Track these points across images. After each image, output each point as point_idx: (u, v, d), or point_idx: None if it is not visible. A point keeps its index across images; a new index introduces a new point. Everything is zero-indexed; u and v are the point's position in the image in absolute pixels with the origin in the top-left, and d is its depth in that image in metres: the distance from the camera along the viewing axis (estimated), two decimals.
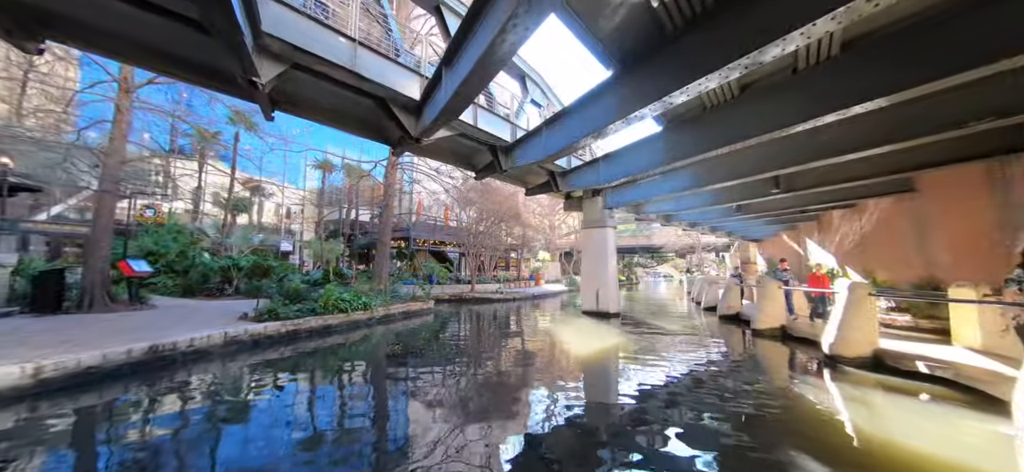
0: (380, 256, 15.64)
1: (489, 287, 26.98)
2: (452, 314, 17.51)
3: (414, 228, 27.05)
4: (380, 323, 13.09)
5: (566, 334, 12.23)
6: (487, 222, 23.61)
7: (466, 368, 7.94)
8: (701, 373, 7.41)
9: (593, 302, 15.50)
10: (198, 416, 5.19)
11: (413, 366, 8.09)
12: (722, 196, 14.80)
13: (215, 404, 5.57)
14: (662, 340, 10.91)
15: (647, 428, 4.91)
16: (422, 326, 13.55)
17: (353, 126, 9.45)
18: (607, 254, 15.35)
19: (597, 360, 8.71)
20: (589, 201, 16.22)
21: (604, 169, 11.65)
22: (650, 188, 13.88)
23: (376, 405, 5.95)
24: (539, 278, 38.33)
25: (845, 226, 17.70)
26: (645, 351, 9.38)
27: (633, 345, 10.22)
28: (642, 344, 10.32)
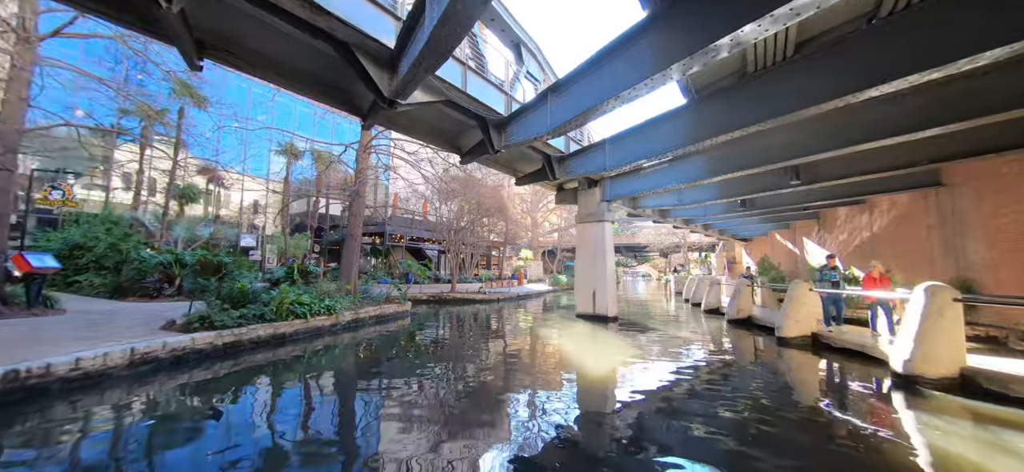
0: (349, 252, 13.68)
1: (470, 287, 25.20)
2: (431, 317, 15.69)
3: (390, 223, 25.00)
4: (347, 330, 11.19)
5: (563, 342, 10.64)
6: (470, 216, 21.83)
7: (451, 392, 6.22)
8: (739, 392, 5.92)
9: (589, 304, 13.97)
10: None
11: (384, 388, 6.32)
12: (730, 189, 13.53)
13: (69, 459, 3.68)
14: (673, 348, 9.44)
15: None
16: (397, 332, 11.72)
17: (311, 87, 7.57)
18: (605, 251, 13.85)
19: (610, 378, 7.12)
20: (585, 193, 14.69)
21: (611, 153, 10.10)
22: (657, 177, 12.43)
23: (335, 440, 4.17)
24: (521, 277, 36.78)
25: (851, 224, 16.76)
26: (659, 363, 7.87)
27: (642, 355, 8.70)
28: (652, 353, 8.81)
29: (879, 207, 14.83)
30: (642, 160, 9.10)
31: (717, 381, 6.82)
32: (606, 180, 14.30)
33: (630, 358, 8.56)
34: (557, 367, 7.96)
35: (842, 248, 17.35)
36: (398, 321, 13.42)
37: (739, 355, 9.25)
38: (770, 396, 6.01)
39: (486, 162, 12.51)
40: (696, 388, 6.42)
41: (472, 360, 8.51)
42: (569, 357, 8.92)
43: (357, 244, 13.80)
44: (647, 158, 9.04)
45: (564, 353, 9.29)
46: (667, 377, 7.05)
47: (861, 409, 5.62)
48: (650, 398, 5.83)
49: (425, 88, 7.31)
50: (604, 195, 14.26)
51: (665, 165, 12.08)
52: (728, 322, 13.22)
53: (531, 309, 19.24)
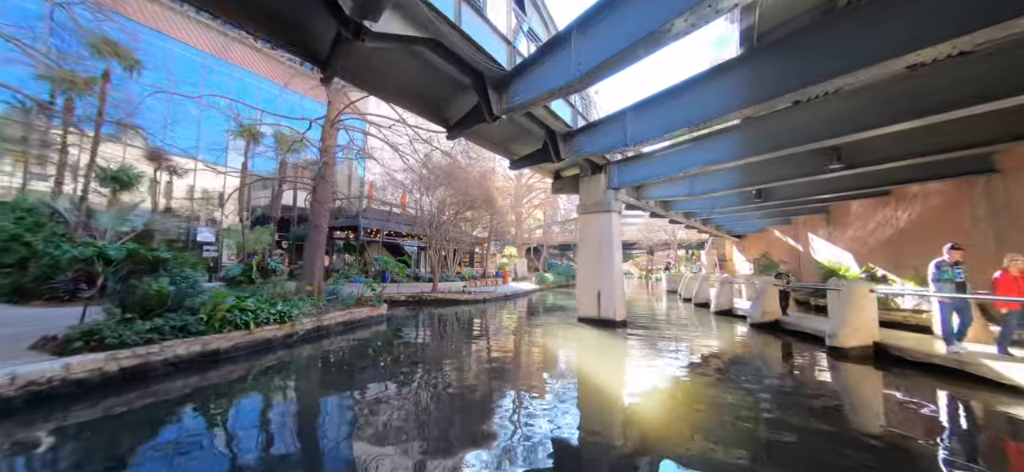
0: (313, 246, 11.50)
1: (453, 286, 23.15)
2: (410, 321, 13.65)
3: (365, 215, 22.68)
4: (307, 340, 9.08)
5: (570, 352, 8.82)
6: (454, 208, 19.78)
7: (438, 435, 4.29)
8: (831, 431, 4.22)
9: (593, 307, 12.20)
10: None
11: (345, 430, 4.34)
12: (754, 175, 11.98)
13: None
14: (711, 363, 7.75)
15: None
16: (368, 342, 9.68)
17: (251, 13, 5.47)
18: (611, 245, 12.10)
19: (653, 415, 5.32)
20: (588, 180, 12.90)
21: (634, 125, 8.29)
22: (675, 160, 10.73)
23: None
24: (506, 275, 34.91)
25: (868, 218, 15.53)
26: (706, 386, 6.13)
27: (672, 374, 6.95)
28: (688, 370, 7.07)
29: (905, 199, 13.58)
30: (685, 127, 7.29)
31: (815, 418, 5.10)
32: (613, 165, 12.54)
33: (669, 381, 6.78)
34: (577, 387, 6.10)
35: (858, 245, 16.13)
36: (371, 327, 11.34)
37: (779, 364, 7.62)
38: (881, 431, 4.31)
39: (476, 139, 10.56)
40: (789, 425, 4.67)
41: (462, 384, 6.57)
42: (586, 372, 7.08)
43: (322, 236, 11.63)
44: (685, 127, 7.26)
45: (575, 366, 7.45)
46: (731, 409, 5.28)
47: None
48: (725, 446, 4.03)
49: (404, 15, 5.33)
50: (611, 182, 12.50)
51: (686, 146, 10.39)
52: (752, 326, 11.65)
53: (521, 311, 17.37)
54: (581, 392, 6.20)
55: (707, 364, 7.82)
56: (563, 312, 16.17)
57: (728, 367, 7.67)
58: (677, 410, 5.29)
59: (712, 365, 7.77)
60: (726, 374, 7.13)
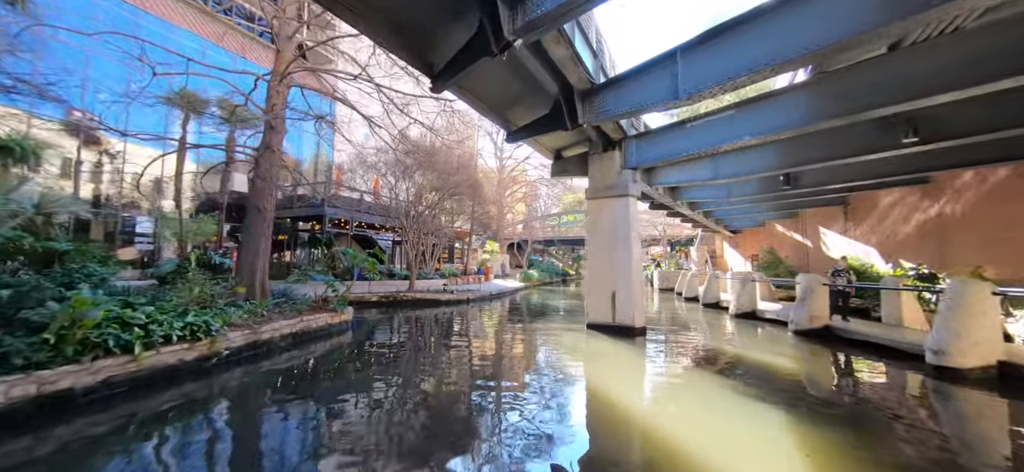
0: (252, 235, 8.91)
1: (432, 284, 20.72)
2: (382, 327, 11.24)
3: (332, 203, 19.91)
4: (235, 363, 6.59)
5: (594, 377, 6.66)
6: (436, 196, 17.31)
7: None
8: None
9: (605, 311, 10.09)
10: None
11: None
12: (787, 155, 10.11)
13: None
14: (772, 388, 5.74)
15: None
16: (323, 360, 7.29)
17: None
18: (628, 237, 10.01)
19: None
20: (599, 159, 10.75)
21: (689, 69, 6.13)
22: (714, 132, 8.69)
23: None
24: (488, 272, 32.64)
25: (900, 209, 13.99)
26: (791, 429, 4.07)
27: (737, 407, 4.88)
28: (746, 399, 5.00)
29: (950, 187, 12.03)
30: (759, 70, 5.20)
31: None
32: (630, 140, 10.44)
33: (742, 418, 4.68)
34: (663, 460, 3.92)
35: (884, 239, 14.62)
36: (330, 338, 8.89)
37: (929, 409, 5.67)
38: None
39: (469, 97, 8.18)
40: None
41: (450, 435, 4.27)
42: (626, 416, 4.91)
43: (266, 223, 9.05)
44: (764, 66, 5.17)
45: (607, 402, 5.27)
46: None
47: None
48: None
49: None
50: (627, 160, 10.39)
51: (730, 115, 8.36)
52: (796, 334, 9.78)
53: (513, 313, 15.15)
54: (622, 421, 4.03)
55: (779, 393, 5.78)
56: (563, 316, 14.03)
57: (812, 398, 5.67)
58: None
59: (789, 397, 5.75)
60: (821, 413, 5.10)
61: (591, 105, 7.79)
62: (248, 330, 7.13)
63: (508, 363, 7.66)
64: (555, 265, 48.33)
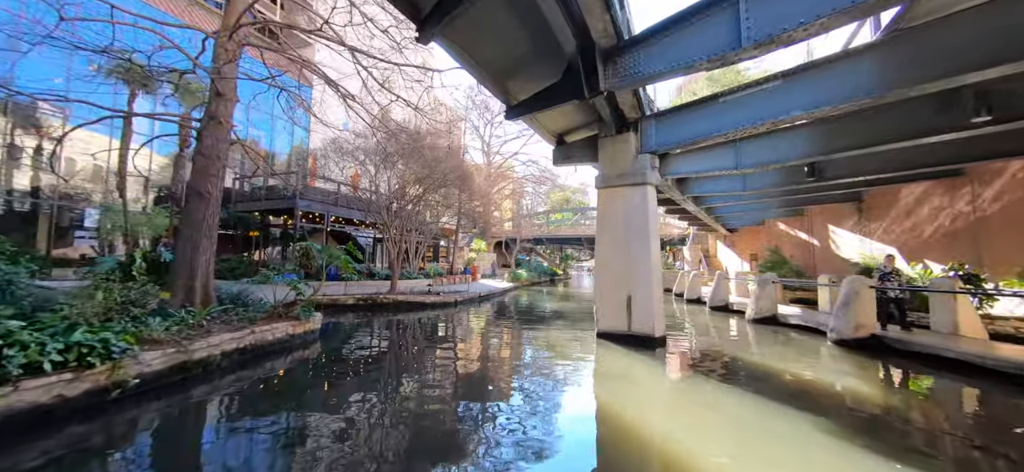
0: (191, 224, 7.15)
1: (416, 285, 19.05)
2: (357, 335, 9.60)
3: (305, 196, 18.02)
4: (155, 393, 4.91)
5: (618, 409, 5.18)
6: (421, 189, 15.64)
7: None
8: None
9: (619, 317, 8.67)
10: None
11: None
12: (824, 141, 8.89)
13: None
14: (857, 423, 4.40)
15: None
16: (275, 385, 5.68)
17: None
18: (647, 231, 8.61)
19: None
20: (611, 143, 9.32)
21: (761, 8, 4.70)
22: (759, 106, 7.34)
23: None
24: (475, 271, 31.05)
25: (926, 205, 12.97)
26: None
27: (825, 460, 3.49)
28: (832, 440, 3.62)
29: (988, 180, 11.00)
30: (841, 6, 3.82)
31: None
32: (648, 120, 9.03)
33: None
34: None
35: (908, 237, 13.60)
36: (290, 353, 7.24)
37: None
38: None
39: (463, 56, 6.63)
40: None
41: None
42: None
43: (210, 212, 7.30)
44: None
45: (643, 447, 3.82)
46: None
47: None
48: None
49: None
50: (645, 143, 8.98)
51: (776, 85, 7.01)
52: (836, 344, 8.52)
53: (506, 317, 13.63)
54: None
55: (864, 433, 4.42)
56: (564, 321, 12.56)
57: (907, 435, 4.32)
58: None
59: (884, 443, 4.38)
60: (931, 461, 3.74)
61: (616, 67, 6.32)
62: (174, 348, 5.43)
63: (509, 389, 6.14)
64: (542, 264, 47.03)
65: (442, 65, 10.30)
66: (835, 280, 12.11)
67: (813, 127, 9.15)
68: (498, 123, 39.87)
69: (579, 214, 56.10)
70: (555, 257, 57.96)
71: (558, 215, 52.98)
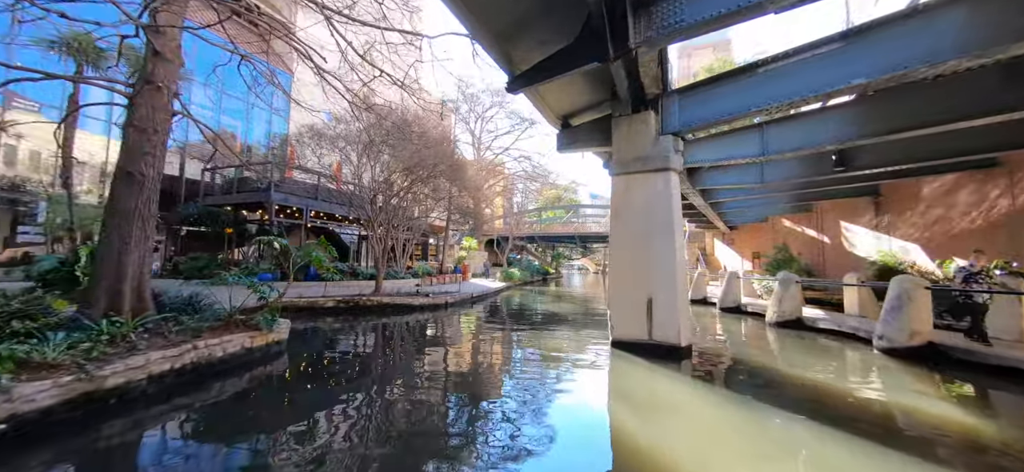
0: (117, 213, 5.76)
1: (404, 285, 17.69)
2: (332, 344, 8.24)
3: (281, 188, 16.52)
4: (39, 437, 3.53)
5: (656, 449, 3.97)
6: (408, 180, 14.27)
7: None
8: None
9: (638, 324, 7.49)
10: None
11: None
12: (869, 121, 7.82)
13: None
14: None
15: None
16: (215, 418, 4.31)
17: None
18: (670, 224, 7.45)
19: None
20: (627, 123, 8.13)
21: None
22: (791, 80, 6.21)
23: None
24: (466, 271, 29.72)
25: (953, 198, 12.07)
26: None
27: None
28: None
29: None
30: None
31: None
32: (670, 97, 7.86)
33: None
34: None
35: (934, 232, 12.68)
36: (248, 370, 5.91)
37: None
38: None
39: (461, 10, 5.39)
40: None
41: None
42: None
43: (144, 199, 5.90)
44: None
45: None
46: None
47: None
48: None
49: None
50: (667, 122, 7.81)
51: (835, 49, 5.88)
52: (886, 352, 7.46)
53: (502, 321, 12.39)
54: None
55: None
56: (568, 325, 11.36)
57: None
58: None
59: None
60: None
61: (650, 17, 5.10)
62: (74, 375, 4.07)
63: (516, 422, 4.89)
64: (533, 263, 45.89)
65: (431, 31, 8.95)
66: (864, 279, 11.14)
67: (852, 108, 8.11)
68: (489, 118, 38.64)
69: (571, 212, 55.15)
70: (546, 255, 56.85)
71: (551, 212, 51.89)
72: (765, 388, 6.06)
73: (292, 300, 12.39)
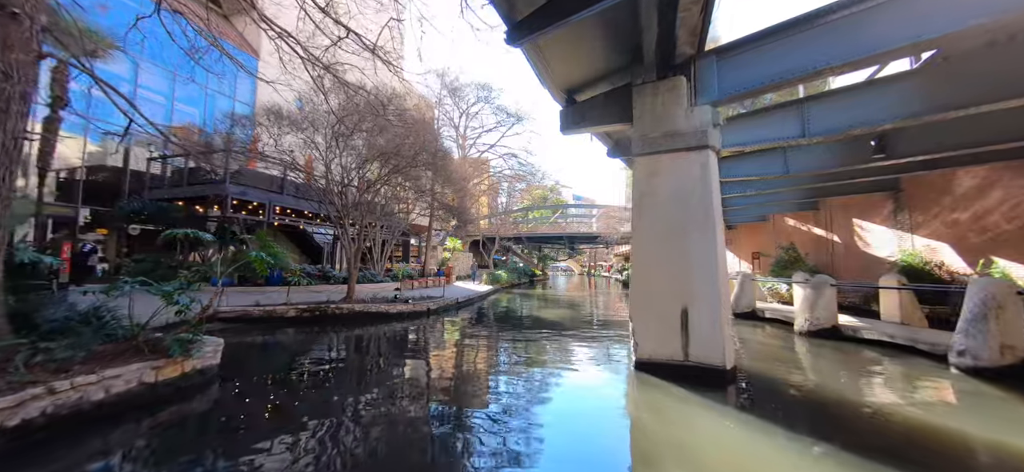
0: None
1: (381, 289, 15.87)
2: (282, 372, 6.37)
3: (238, 181, 14.50)
4: None
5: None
6: (385, 169, 12.47)
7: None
8: None
9: (669, 341, 5.97)
10: None
11: None
12: (941, 93, 6.47)
13: None
14: None
15: None
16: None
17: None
18: (710, 217, 5.95)
19: None
20: (652, 92, 6.60)
21: None
22: (868, 28, 4.78)
23: None
24: (449, 273, 27.98)
25: (992, 193, 10.95)
26: None
27: None
28: None
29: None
30: None
31: None
32: (708, 59, 6.36)
33: None
34: None
35: (961, 232, 11.57)
36: (147, 416, 4.10)
37: None
38: None
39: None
40: None
41: None
42: None
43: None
44: None
45: None
46: None
47: None
48: None
49: None
50: (703, 90, 6.32)
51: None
52: (969, 372, 6.09)
53: (493, 333, 10.74)
54: None
55: None
56: (571, 336, 9.78)
57: None
58: None
59: None
60: None
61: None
62: None
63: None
64: (519, 265, 44.33)
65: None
66: (905, 281, 9.89)
67: (914, 79, 6.78)
68: (474, 114, 36.92)
69: (559, 213, 53.80)
70: (532, 257, 55.36)
71: (537, 213, 50.43)
72: (846, 430, 4.59)
73: (246, 309, 10.56)
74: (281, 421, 4.60)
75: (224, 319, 10.04)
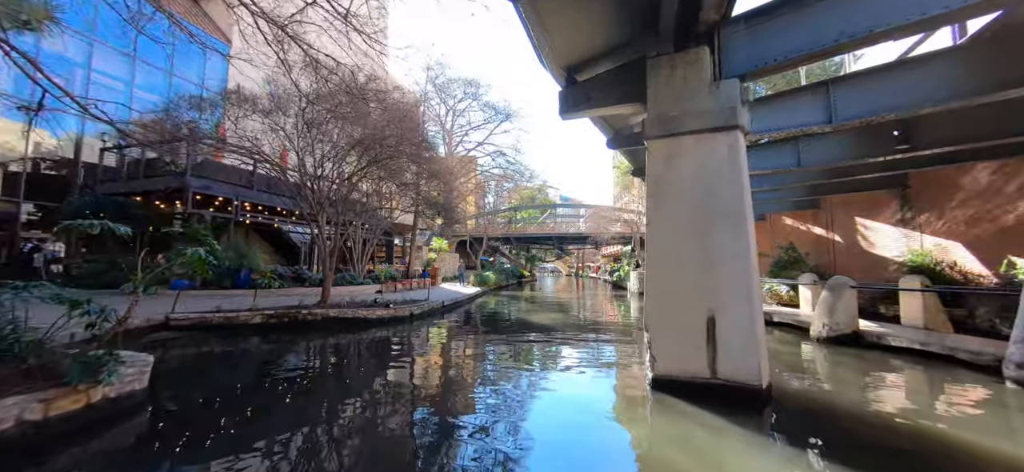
0: None
1: (361, 292, 14.73)
2: (228, 397, 5.23)
3: (201, 173, 13.18)
4: None
5: None
6: (364, 160, 11.34)
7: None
8: None
9: (693, 354, 5.07)
10: None
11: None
12: (986, 75, 5.71)
13: None
14: None
15: None
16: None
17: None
18: (739, 208, 5.09)
19: None
20: (668, 67, 5.70)
21: None
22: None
23: None
24: (435, 274, 26.90)
25: (1006, 190, 10.40)
26: None
27: None
28: None
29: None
30: None
31: None
32: (736, 28, 5.48)
33: None
34: None
35: (973, 230, 11.01)
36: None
37: None
38: None
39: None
40: None
41: None
42: None
43: None
44: None
45: None
46: None
47: None
48: None
49: None
50: (730, 63, 5.45)
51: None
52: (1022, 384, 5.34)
53: (486, 342, 9.74)
54: None
55: None
56: (573, 344, 8.84)
57: None
58: None
59: None
60: None
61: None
62: None
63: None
64: (506, 266, 43.33)
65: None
66: (928, 282, 9.21)
67: (958, 57, 6.04)
68: (461, 111, 35.83)
69: (547, 213, 52.91)
70: (520, 258, 54.38)
71: (526, 213, 49.49)
72: (916, 459, 3.74)
73: (203, 316, 9.35)
74: (220, 458, 3.52)
75: (177, 327, 8.86)
